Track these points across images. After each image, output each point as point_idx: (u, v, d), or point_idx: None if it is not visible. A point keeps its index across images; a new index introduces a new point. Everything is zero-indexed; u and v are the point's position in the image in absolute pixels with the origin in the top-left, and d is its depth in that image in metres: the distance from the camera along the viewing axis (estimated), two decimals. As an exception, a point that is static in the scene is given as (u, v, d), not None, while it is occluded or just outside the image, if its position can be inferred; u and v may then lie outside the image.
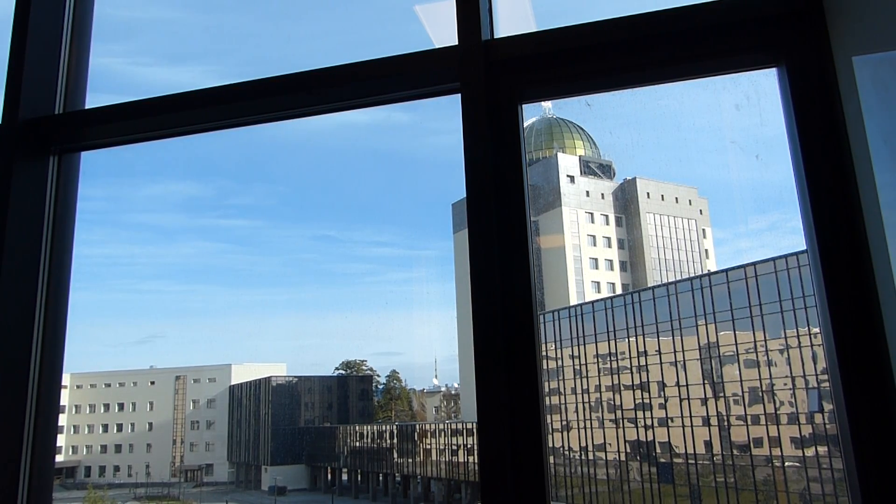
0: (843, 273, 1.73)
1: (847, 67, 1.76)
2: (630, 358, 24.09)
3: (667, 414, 22.93)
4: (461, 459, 30.20)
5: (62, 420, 41.60)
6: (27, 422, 2.33)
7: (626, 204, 29.94)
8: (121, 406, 44.28)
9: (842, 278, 1.73)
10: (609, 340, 24.69)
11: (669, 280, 27.28)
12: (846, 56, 1.77)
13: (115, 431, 43.64)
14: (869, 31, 1.77)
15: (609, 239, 29.51)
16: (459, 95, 2.15)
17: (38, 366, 2.41)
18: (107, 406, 44.20)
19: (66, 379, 41.63)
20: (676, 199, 30.30)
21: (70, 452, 42.68)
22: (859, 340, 1.70)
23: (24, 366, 2.37)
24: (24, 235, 2.44)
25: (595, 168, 30.80)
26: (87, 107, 2.73)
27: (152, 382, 44.64)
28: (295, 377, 41.15)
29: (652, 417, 23.22)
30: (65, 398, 42.17)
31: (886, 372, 1.65)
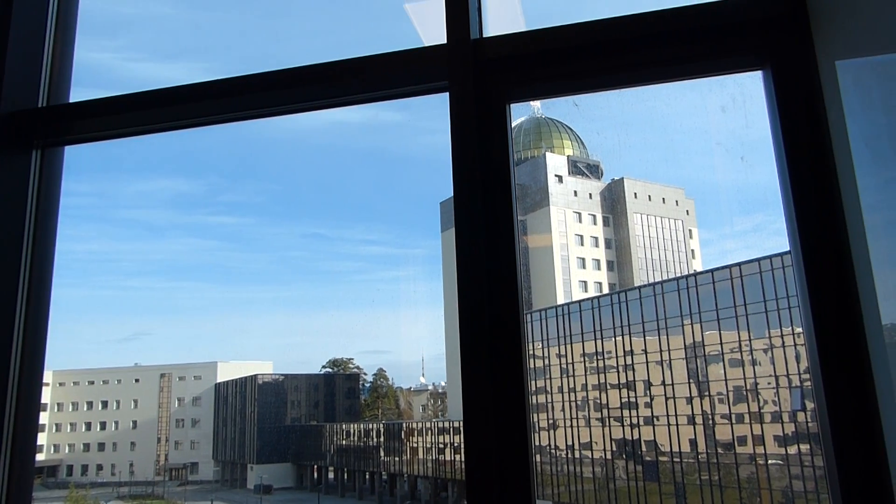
0: (825, 274, 1.75)
1: (831, 71, 1.78)
2: (616, 357, 24.20)
3: (652, 413, 23.06)
4: (448, 458, 30.22)
5: (43, 418, 41.19)
6: (7, 420, 2.31)
7: (613, 204, 30.06)
8: (104, 404, 43.90)
9: (824, 279, 1.75)
10: (596, 339, 24.78)
11: (656, 280, 27.43)
12: (830, 60, 1.79)
13: (98, 430, 43.26)
14: (852, 36, 1.78)
15: (596, 238, 29.63)
16: (448, 94, 2.15)
17: (19, 363, 2.38)
18: (90, 404, 43.80)
19: (47, 376, 41.21)
20: (663, 199, 30.47)
21: (52, 451, 42.26)
22: (840, 340, 1.71)
23: (4, 363, 2.34)
24: (5, 230, 2.41)
25: (583, 168, 30.90)
26: (71, 101, 2.70)
27: (137, 380, 44.29)
28: (281, 375, 40.98)
29: (638, 416, 23.34)
30: (46, 396, 41.73)
31: (866, 371, 1.67)
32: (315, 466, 38.44)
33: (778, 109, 1.89)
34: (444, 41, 2.20)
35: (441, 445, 30.66)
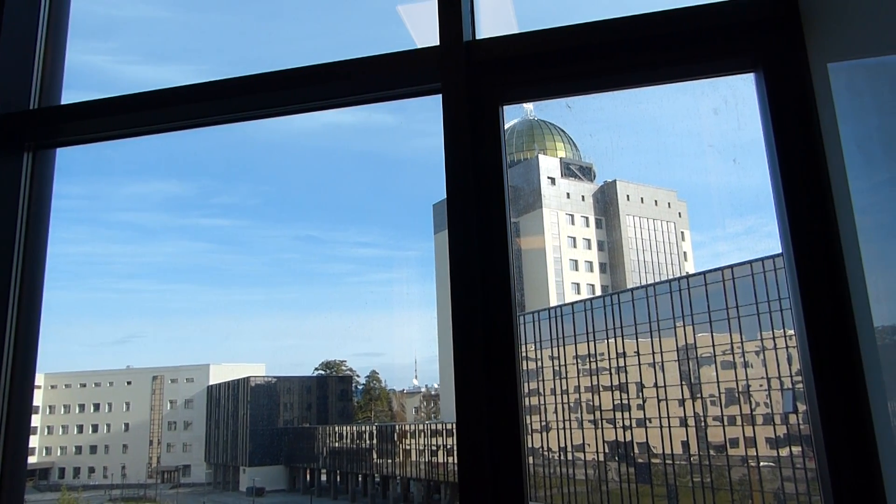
0: (817, 276, 1.76)
1: (823, 74, 1.79)
2: (609, 359, 24.24)
3: (645, 415, 23.11)
4: (440, 460, 30.18)
5: (35, 421, 40.90)
6: (-1, 423, 2.29)
7: (605, 206, 30.14)
8: (96, 406, 43.64)
9: (816, 281, 1.76)
10: (588, 342, 24.83)
11: (648, 282, 27.50)
12: (822, 63, 1.80)
13: (90, 432, 43.00)
14: (844, 39, 1.79)
15: (589, 241, 29.69)
16: (440, 95, 2.15)
17: (10, 366, 2.36)
18: (82, 406, 43.53)
19: (39, 379, 40.93)
20: (656, 201, 30.57)
21: (44, 454, 41.96)
22: (832, 342, 1.72)
23: (-4, 365, 2.32)
24: (-4, 233, 2.40)
25: (575, 170, 30.97)
26: (63, 103, 2.69)
27: (129, 382, 44.05)
28: (274, 377, 40.84)
29: (630, 418, 23.38)
30: (39, 399, 41.45)
31: (858, 373, 1.68)
32: (308, 469, 38.32)
33: (770, 112, 1.89)
34: (437, 43, 2.20)
35: (434, 447, 30.61)
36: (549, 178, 30.03)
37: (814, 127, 1.82)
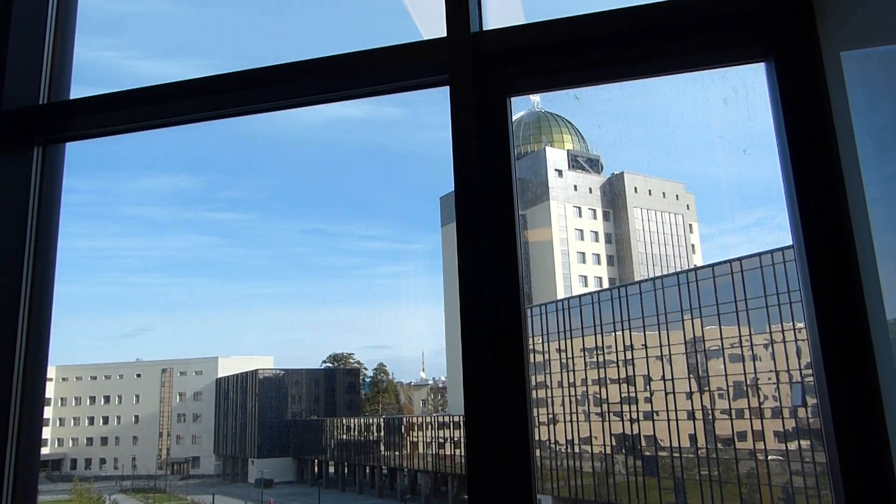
0: (829, 268, 1.75)
1: (835, 63, 1.77)
2: (616, 352, 24.21)
3: (652, 408, 23.08)
4: (448, 452, 30.27)
5: (48, 413, 41.24)
6: (12, 414, 2.31)
7: (613, 198, 30.04)
8: (107, 399, 44.00)
9: (827, 273, 1.75)
10: (596, 334, 24.80)
11: (656, 274, 27.41)
12: (834, 51, 1.78)
13: (101, 424, 43.38)
14: (857, 27, 1.77)
15: (596, 233, 29.62)
16: (448, 87, 2.14)
17: (23, 358, 2.38)
18: (93, 399, 43.91)
19: (51, 371, 41.25)
20: (664, 193, 30.45)
21: (56, 445, 42.39)
22: (844, 335, 1.71)
23: (9, 358, 2.34)
24: (7, 228, 2.41)
25: (583, 162, 30.87)
26: (71, 98, 2.69)
27: (139, 375, 44.37)
28: (282, 370, 41.05)
29: (637, 411, 23.37)
30: (50, 391, 41.81)
31: (870, 367, 1.67)
32: (316, 461, 38.55)
33: (781, 101, 1.87)
34: (444, 35, 2.19)
35: (441, 440, 30.72)
36: (556, 170, 29.95)
37: (826, 116, 1.80)
